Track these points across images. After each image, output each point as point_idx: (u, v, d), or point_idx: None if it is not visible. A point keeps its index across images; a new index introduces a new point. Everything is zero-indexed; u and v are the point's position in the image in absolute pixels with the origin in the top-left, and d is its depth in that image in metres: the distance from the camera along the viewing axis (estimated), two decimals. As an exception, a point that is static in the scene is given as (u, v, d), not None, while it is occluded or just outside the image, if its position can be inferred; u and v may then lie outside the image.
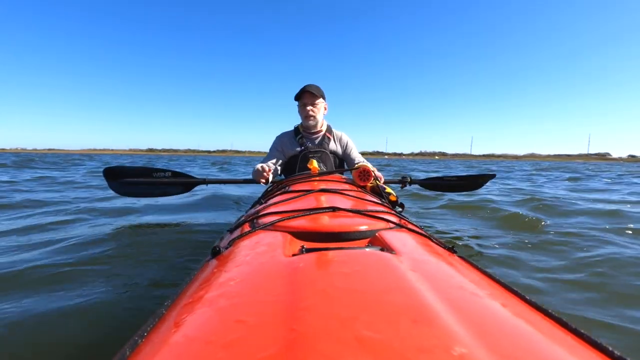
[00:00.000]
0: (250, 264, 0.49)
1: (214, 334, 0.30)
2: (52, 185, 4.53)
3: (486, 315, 0.34)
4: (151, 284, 1.27)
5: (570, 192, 4.65)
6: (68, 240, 1.78)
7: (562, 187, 5.39)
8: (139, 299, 1.15)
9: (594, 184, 6.24)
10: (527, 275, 1.37)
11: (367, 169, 1.37)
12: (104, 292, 1.18)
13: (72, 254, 1.56)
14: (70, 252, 1.60)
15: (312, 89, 1.82)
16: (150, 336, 0.35)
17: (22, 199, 3.12)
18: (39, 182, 4.93)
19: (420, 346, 0.26)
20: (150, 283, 1.28)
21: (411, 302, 0.33)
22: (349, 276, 0.39)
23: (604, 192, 4.62)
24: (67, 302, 1.09)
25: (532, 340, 0.31)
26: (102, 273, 1.36)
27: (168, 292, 1.17)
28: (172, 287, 1.20)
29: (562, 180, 7.14)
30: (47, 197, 3.34)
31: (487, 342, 0.28)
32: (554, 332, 0.35)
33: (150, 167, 2.27)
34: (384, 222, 0.73)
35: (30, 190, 3.94)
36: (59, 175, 6.21)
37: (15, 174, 6.30)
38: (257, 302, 0.35)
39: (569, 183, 6.43)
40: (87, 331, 0.93)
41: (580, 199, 3.73)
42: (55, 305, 1.06)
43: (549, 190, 4.75)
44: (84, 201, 3.14)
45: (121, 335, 0.91)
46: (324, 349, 0.25)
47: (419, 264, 0.47)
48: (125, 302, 1.11)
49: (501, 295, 0.42)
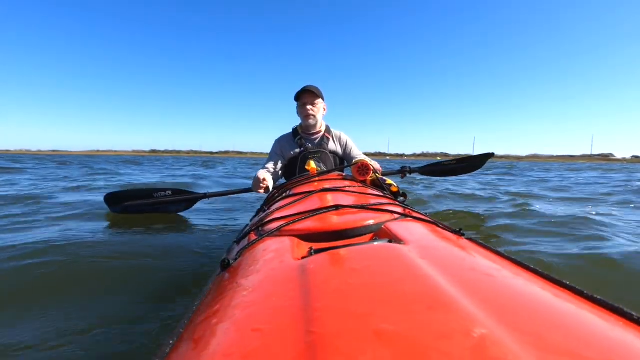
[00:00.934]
0: (261, 272, 0.49)
1: (232, 346, 0.30)
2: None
3: (502, 294, 0.34)
4: (162, 302, 1.26)
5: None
6: (60, 244, 1.76)
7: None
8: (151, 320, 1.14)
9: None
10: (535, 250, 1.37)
11: (365, 163, 1.37)
12: (106, 314, 1.15)
13: (63, 260, 1.54)
14: (60, 256, 1.58)
15: (311, 88, 1.83)
16: (171, 356, 0.35)
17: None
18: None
19: (439, 332, 0.26)
20: (160, 302, 1.27)
21: (425, 290, 0.33)
22: (360, 272, 0.39)
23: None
24: (70, 323, 1.08)
25: (552, 313, 0.31)
26: (103, 293, 1.34)
27: (181, 309, 1.16)
28: (184, 304, 1.19)
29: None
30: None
31: (507, 320, 0.28)
32: (574, 302, 0.34)
33: (151, 187, 2.27)
34: (389, 214, 0.73)
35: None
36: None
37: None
38: (271, 308, 0.35)
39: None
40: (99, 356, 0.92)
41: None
42: (58, 326, 1.05)
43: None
44: (86, 204, 3.09)
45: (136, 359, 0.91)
46: (344, 347, 0.25)
47: (428, 251, 0.47)
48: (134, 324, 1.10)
49: (514, 273, 0.42)
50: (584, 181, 6.50)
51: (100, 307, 1.20)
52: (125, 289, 1.39)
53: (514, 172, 10.15)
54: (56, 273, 1.43)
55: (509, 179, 7.06)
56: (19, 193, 3.69)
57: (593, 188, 4.99)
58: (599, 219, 2.23)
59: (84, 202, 3.12)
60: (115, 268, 1.61)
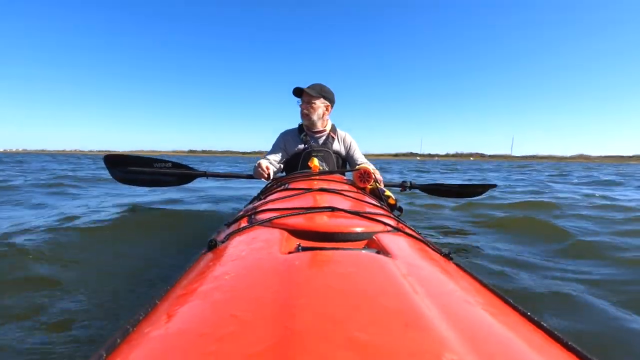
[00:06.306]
0: (246, 260, 0.49)
1: (207, 327, 0.30)
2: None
3: (477, 323, 0.34)
4: (144, 273, 1.27)
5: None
6: (63, 221, 1.78)
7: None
8: (132, 288, 1.15)
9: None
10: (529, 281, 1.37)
11: (367, 170, 1.37)
12: (95, 280, 1.18)
13: (64, 238, 1.56)
14: (63, 234, 1.60)
15: (310, 88, 1.82)
16: (142, 326, 0.35)
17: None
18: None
19: (411, 350, 0.26)
20: (143, 272, 1.28)
21: (404, 306, 0.33)
22: (343, 277, 0.39)
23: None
24: (53, 288, 1.09)
25: (521, 350, 0.31)
26: (95, 262, 1.36)
27: (161, 283, 1.17)
28: (166, 278, 1.20)
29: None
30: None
31: (477, 349, 0.28)
32: (543, 342, 0.35)
33: (151, 157, 2.28)
34: (382, 225, 0.73)
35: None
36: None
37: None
38: (251, 297, 0.35)
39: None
40: (76, 320, 0.93)
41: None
42: (41, 292, 1.06)
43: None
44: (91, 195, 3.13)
45: (112, 324, 0.91)
46: (315, 348, 0.25)
47: (413, 268, 0.47)
48: (117, 291, 1.11)
49: (493, 304, 0.42)
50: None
51: (88, 279, 1.21)
52: (110, 261, 1.41)
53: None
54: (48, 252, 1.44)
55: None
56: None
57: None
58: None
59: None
60: (108, 241, 1.63)
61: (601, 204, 3.34)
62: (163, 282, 1.17)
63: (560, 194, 4.36)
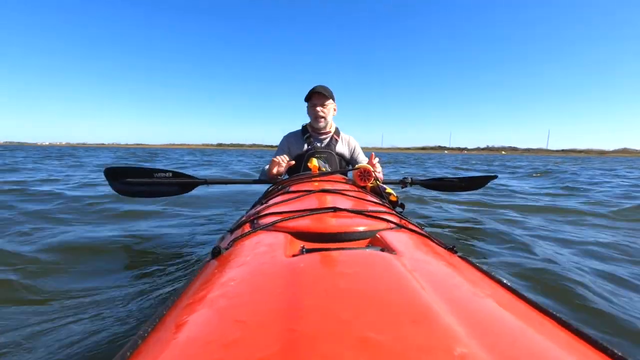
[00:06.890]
0: (251, 265, 0.49)
1: (213, 334, 0.30)
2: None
3: (486, 315, 0.34)
4: (151, 283, 1.27)
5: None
6: (60, 238, 1.78)
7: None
8: (140, 299, 1.15)
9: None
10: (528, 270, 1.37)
11: (367, 169, 1.38)
12: (102, 292, 1.18)
13: (63, 252, 1.57)
14: (61, 250, 1.61)
15: (321, 90, 1.83)
16: (151, 337, 0.35)
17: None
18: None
19: (420, 346, 0.26)
20: (150, 283, 1.28)
21: (411, 303, 0.33)
22: (349, 277, 0.39)
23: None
24: (61, 300, 1.09)
25: (532, 340, 0.31)
26: (100, 273, 1.36)
27: (168, 292, 1.17)
28: (172, 287, 1.20)
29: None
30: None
31: (487, 342, 0.28)
32: (553, 331, 0.35)
33: (151, 168, 2.28)
34: (385, 223, 0.73)
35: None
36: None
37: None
38: (257, 302, 0.35)
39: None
40: (86, 332, 0.93)
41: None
42: (50, 302, 1.06)
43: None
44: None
45: (121, 336, 0.91)
46: (324, 349, 0.25)
47: (419, 264, 0.47)
48: (125, 303, 1.11)
49: (501, 295, 0.42)
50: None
51: (96, 283, 1.22)
52: (118, 273, 1.41)
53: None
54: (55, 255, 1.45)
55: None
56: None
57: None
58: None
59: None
60: (111, 250, 1.63)
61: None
62: (169, 292, 1.17)
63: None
